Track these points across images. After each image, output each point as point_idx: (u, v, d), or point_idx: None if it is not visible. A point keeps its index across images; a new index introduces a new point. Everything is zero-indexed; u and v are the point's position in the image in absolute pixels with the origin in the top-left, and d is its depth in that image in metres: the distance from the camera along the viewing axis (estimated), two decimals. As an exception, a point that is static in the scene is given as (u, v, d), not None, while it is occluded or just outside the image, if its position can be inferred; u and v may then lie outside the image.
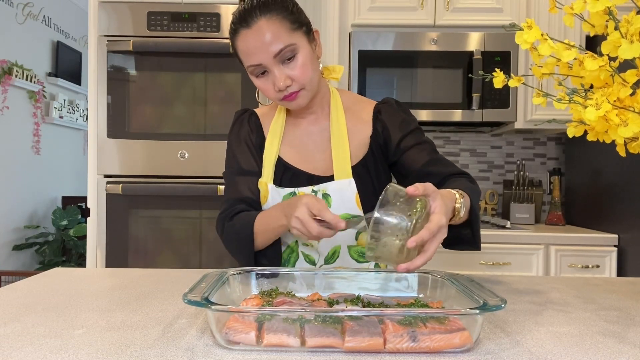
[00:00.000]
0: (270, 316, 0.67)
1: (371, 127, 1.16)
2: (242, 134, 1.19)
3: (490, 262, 2.17)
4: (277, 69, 1.02)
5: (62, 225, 4.04)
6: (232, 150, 1.19)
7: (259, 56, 1.01)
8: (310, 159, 1.15)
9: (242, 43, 1.03)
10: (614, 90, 0.80)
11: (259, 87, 1.07)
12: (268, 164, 1.14)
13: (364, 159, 1.14)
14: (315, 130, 1.17)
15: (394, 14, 2.42)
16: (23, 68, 3.88)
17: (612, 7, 0.78)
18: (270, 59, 1.01)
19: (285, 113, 1.19)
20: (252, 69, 1.05)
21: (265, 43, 1.00)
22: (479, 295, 0.72)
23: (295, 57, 1.03)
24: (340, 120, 1.15)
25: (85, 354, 0.64)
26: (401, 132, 1.14)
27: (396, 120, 1.16)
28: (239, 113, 1.24)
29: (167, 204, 2.13)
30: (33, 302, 0.89)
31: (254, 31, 1.01)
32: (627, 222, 2.09)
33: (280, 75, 1.02)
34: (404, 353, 0.65)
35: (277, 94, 1.05)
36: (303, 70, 1.03)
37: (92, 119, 2.17)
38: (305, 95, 1.07)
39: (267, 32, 1.00)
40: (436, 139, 2.81)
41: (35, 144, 4.12)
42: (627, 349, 0.70)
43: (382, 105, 1.19)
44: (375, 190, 1.13)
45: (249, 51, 1.02)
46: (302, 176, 1.13)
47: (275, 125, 1.18)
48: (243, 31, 1.02)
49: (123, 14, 2.14)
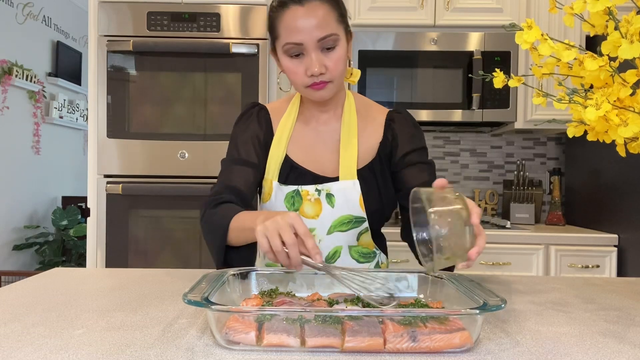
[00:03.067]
0: (270, 316, 0.67)
1: (382, 133, 1.16)
2: (249, 127, 1.17)
3: (490, 262, 2.17)
4: (315, 53, 1.02)
5: (62, 225, 4.04)
6: (236, 140, 1.17)
7: (304, 36, 1.00)
8: (318, 159, 1.14)
9: (290, 18, 1.01)
10: (614, 90, 0.80)
11: (288, 68, 1.05)
12: (274, 162, 1.13)
13: (371, 163, 1.14)
14: (326, 131, 1.16)
15: (394, 14, 2.42)
16: (23, 68, 3.88)
17: (612, 7, 0.78)
18: (314, 42, 1.01)
19: (296, 111, 1.18)
20: (289, 47, 1.03)
21: (314, 25, 1.00)
22: (479, 295, 0.72)
23: (334, 48, 1.03)
24: (352, 123, 1.14)
25: (85, 354, 0.64)
26: (409, 146, 1.15)
27: (407, 133, 1.16)
28: (249, 106, 1.21)
29: (167, 204, 2.13)
30: (33, 302, 0.89)
31: (306, 9, 1.00)
32: (627, 222, 2.09)
33: (317, 61, 1.01)
34: (404, 353, 0.65)
35: (306, 79, 1.04)
36: (338, 63, 1.04)
37: (92, 119, 2.17)
38: (332, 88, 1.06)
39: (318, 14, 1.00)
40: (436, 139, 2.81)
41: (35, 144, 4.12)
42: (627, 349, 0.70)
43: (396, 114, 1.19)
44: (380, 195, 1.12)
45: (294, 28, 1.01)
46: (308, 176, 1.12)
47: (286, 122, 1.16)
48: (294, 7, 1.01)
49: (123, 14, 2.14)
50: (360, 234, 1.12)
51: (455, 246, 0.75)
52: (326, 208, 1.09)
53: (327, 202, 1.09)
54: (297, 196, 1.10)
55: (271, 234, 0.81)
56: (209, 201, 1.08)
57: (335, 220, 1.10)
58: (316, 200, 1.10)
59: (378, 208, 1.12)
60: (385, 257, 1.21)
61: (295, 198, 1.10)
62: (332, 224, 1.10)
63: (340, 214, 1.10)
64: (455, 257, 0.76)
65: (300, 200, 1.09)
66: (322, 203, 1.10)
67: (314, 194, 1.10)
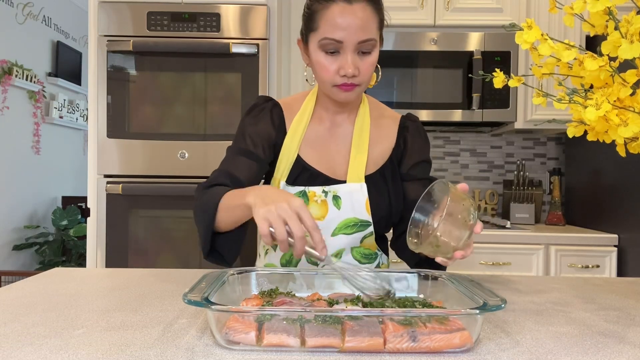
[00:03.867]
0: (270, 316, 0.67)
1: (395, 138, 1.16)
2: (261, 122, 1.13)
3: (490, 262, 2.17)
4: (351, 55, 1.01)
5: (62, 225, 4.04)
6: (244, 131, 1.12)
7: (345, 34, 0.99)
8: (330, 161, 1.13)
9: (336, 14, 1.00)
10: (614, 90, 0.80)
11: (320, 63, 1.03)
12: (285, 162, 1.11)
13: (382, 167, 1.14)
14: (340, 133, 1.15)
15: (393, 14, 2.40)
16: (23, 68, 3.88)
17: (612, 7, 0.78)
18: (354, 43, 1.00)
19: (311, 109, 1.15)
20: (327, 42, 1.01)
21: (359, 25, 0.99)
22: (479, 295, 0.72)
23: (370, 53, 1.03)
24: (365, 127, 1.14)
25: (85, 354, 0.64)
26: (416, 158, 1.16)
27: (417, 143, 1.17)
28: (262, 100, 1.17)
29: (167, 204, 2.13)
30: (33, 302, 0.89)
31: (353, 8, 0.99)
32: (627, 222, 2.09)
33: (352, 62, 1.01)
34: (404, 353, 0.65)
35: (337, 78, 1.03)
36: (370, 68, 1.04)
37: (92, 119, 2.17)
38: (358, 92, 1.06)
39: (363, 16, 1.00)
40: (436, 139, 2.81)
41: (35, 144, 4.12)
42: (627, 349, 0.70)
43: (410, 121, 1.19)
44: (390, 200, 1.12)
45: (338, 24, 0.99)
46: (320, 178, 1.11)
47: (300, 121, 1.14)
48: (342, 3, 1.00)
49: (123, 14, 2.14)
50: (364, 237, 1.12)
51: (449, 241, 0.80)
52: (332, 210, 1.09)
53: (334, 204, 1.09)
54: (304, 197, 1.09)
55: (275, 219, 0.77)
56: (203, 185, 1.06)
57: (341, 223, 1.09)
58: (323, 202, 1.09)
59: (386, 214, 1.12)
60: (386, 258, 1.21)
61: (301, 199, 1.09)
62: (338, 226, 1.09)
63: (345, 216, 1.09)
64: (442, 251, 0.82)
65: (307, 201, 1.09)
66: (328, 205, 1.09)
67: (320, 195, 1.09)
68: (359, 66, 1.02)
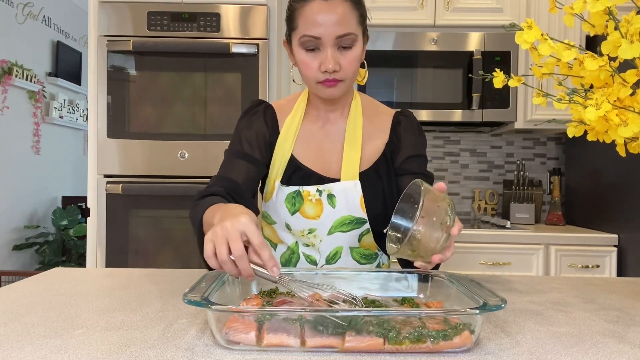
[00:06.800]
0: (270, 316, 0.67)
1: (388, 134, 1.16)
2: (254, 124, 1.14)
3: (490, 262, 2.17)
4: (331, 50, 1.01)
5: (62, 225, 4.04)
6: (240, 134, 1.14)
7: (323, 30, 1.00)
8: (323, 159, 1.13)
9: (312, 11, 1.01)
10: (614, 90, 0.80)
11: (302, 61, 1.04)
12: (279, 162, 1.12)
13: (376, 163, 1.13)
14: (333, 131, 1.15)
15: (394, 14, 2.42)
16: (23, 68, 3.88)
17: (612, 7, 0.78)
18: (332, 38, 1.01)
19: (303, 109, 1.16)
20: (306, 40, 1.02)
21: (335, 21, 1.00)
22: (479, 295, 0.72)
23: (351, 48, 1.03)
24: (358, 124, 1.14)
25: (85, 354, 0.64)
26: (410, 152, 1.14)
27: (411, 138, 1.16)
28: (255, 103, 1.18)
29: (167, 204, 2.13)
30: (33, 302, 0.89)
31: (329, 5, 1.00)
32: (627, 222, 2.09)
33: (332, 58, 1.01)
34: (404, 353, 0.65)
35: (319, 75, 1.03)
36: (352, 63, 1.04)
37: (92, 119, 2.17)
38: (342, 87, 1.06)
39: (340, 11, 1.00)
40: (436, 139, 2.81)
41: (35, 144, 4.12)
42: (627, 349, 0.70)
43: (403, 117, 1.18)
44: (384, 196, 1.12)
45: (314, 21, 1.00)
46: (313, 177, 1.11)
47: (292, 121, 1.14)
48: (319, 1, 1.00)
49: (123, 14, 2.14)
50: (361, 235, 1.12)
51: (426, 244, 0.78)
52: (327, 209, 1.09)
53: (328, 203, 1.09)
54: (298, 197, 1.09)
55: (219, 241, 0.73)
56: (199, 193, 1.05)
57: (336, 221, 1.10)
58: (317, 201, 1.09)
59: (382, 211, 1.11)
60: (387, 258, 1.21)
61: (296, 198, 1.09)
62: (333, 225, 1.10)
63: (341, 214, 1.09)
64: (420, 254, 0.80)
65: (302, 201, 1.09)
66: (323, 204, 1.09)
67: (315, 195, 1.09)
68: (340, 61, 1.02)
